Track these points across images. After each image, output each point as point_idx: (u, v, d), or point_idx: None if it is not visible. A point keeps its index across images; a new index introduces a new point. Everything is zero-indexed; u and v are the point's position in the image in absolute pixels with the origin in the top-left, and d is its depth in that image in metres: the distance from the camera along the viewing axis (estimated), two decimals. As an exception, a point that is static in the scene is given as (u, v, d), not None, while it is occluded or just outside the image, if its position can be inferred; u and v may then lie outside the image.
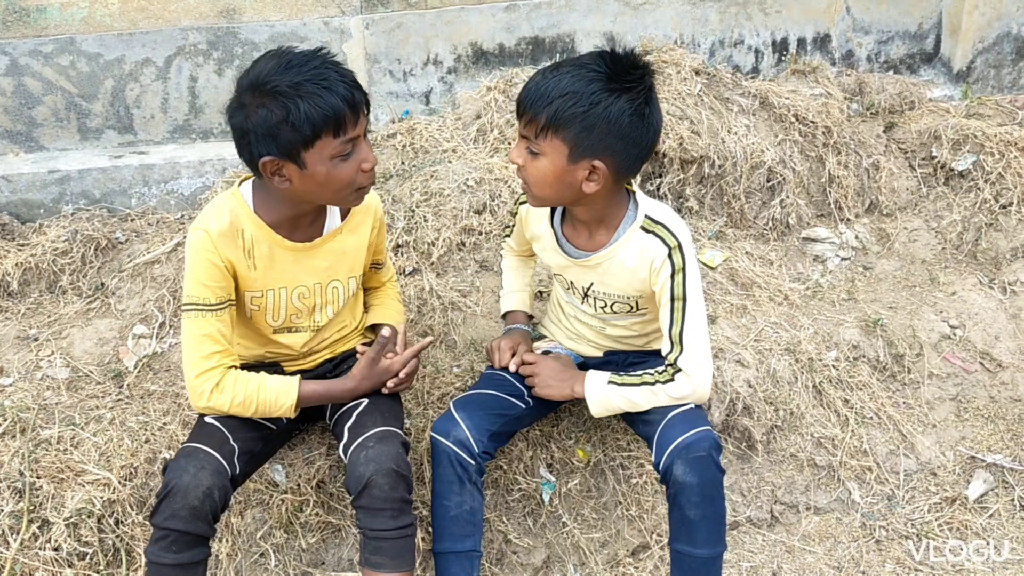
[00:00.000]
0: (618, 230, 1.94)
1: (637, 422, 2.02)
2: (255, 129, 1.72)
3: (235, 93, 1.77)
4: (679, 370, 1.90)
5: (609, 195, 1.90)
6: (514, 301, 2.31)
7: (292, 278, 1.95)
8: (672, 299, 1.89)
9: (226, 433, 1.88)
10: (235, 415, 1.89)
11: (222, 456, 1.82)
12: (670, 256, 1.88)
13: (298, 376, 1.93)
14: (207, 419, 1.91)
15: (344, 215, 2.01)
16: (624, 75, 1.77)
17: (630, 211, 1.95)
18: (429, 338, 2.16)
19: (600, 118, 1.75)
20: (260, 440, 1.97)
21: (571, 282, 2.07)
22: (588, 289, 2.04)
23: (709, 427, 1.89)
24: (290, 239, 1.92)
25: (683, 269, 1.88)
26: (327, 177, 1.77)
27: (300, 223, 1.93)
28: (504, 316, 2.34)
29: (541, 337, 2.29)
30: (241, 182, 1.94)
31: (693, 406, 1.92)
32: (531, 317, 2.35)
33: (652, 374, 1.93)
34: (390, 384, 1.99)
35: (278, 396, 1.88)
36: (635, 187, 1.98)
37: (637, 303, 2.01)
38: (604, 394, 1.97)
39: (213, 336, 1.85)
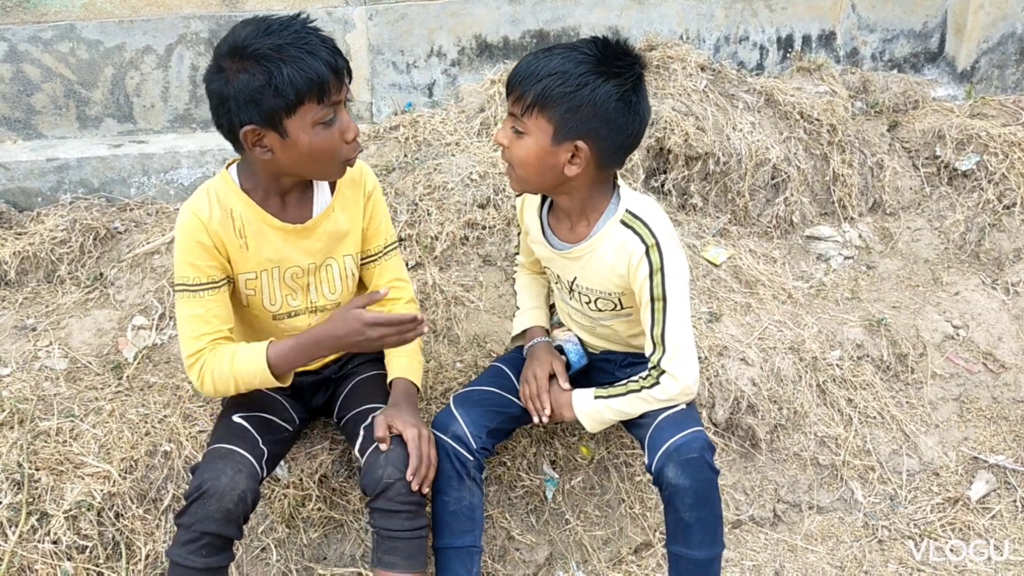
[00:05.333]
0: (598, 223, 1.92)
1: (631, 425, 2.01)
2: (236, 95, 1.66)
3: (212, 59, 1.71)
4: (663, 372, 1.88)
5: (591, 183, 1.88)
6: (529, 319, 2.23)
7: (286, 258, 1.90)
8: (652, 299, 1.86)
9: (256, 435, 1.86)
10: (224, 395, 1.86)
11: (254, 458, 1.80)
12: (648, 254, 1.85)
13: (267, 341, 1.84)
14: (235, 418, 1.89)
15: (332, 189, 1.94)
16: (614, 60, 1.77)
17: (612, 204, 1.93)
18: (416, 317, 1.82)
19: (586, 100, 1.74)
20: (281, 443, 1.96)
21: (558, 275, 2.06)
22: (572, 283, 2.02)
23: (700, 428, 1.87)
24: (281, 219, 1.87)
25: (661, 269, 1.85)
26: (310, 146, 1.72)
27: (288, 200, 1.88)
28: (522, 335, 2.23)
29: (560, 324, 2.24)
30: (228, 166, 1.90)
31: (683, 407, 1.91)
32: (548, 332, 2.23)
33: (637, 380, 1.92)
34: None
35: (250, 361, 1.80)
36: (620, 181, 1.96)
37: (620, 300, 1.99)
38: (593, 409, 1.96)
39: (202, 317, 1.81)
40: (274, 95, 1.65)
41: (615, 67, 1.76)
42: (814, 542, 2.40)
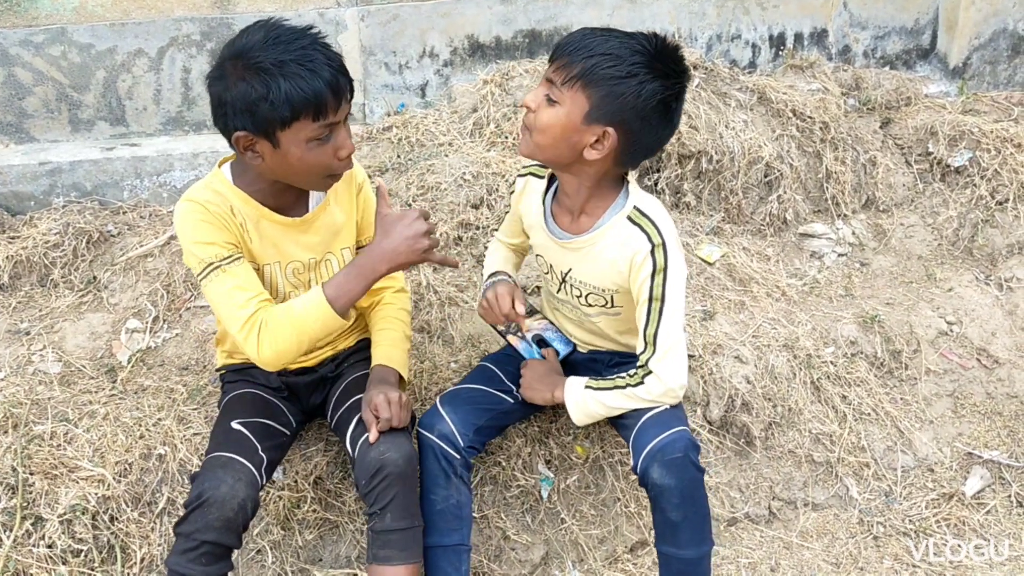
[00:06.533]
0: (603, 216, 1.91)
1: (618, 425, 2.00)
2: (233, 102, 1.67)
3: (218, 59, 1.71)
4: (649, 372, 1.87)
5: (602, 174, 1.87)
6: (498, 263, 2.20)
7: (286, 253, 1.91)
8: (650, 299, 1.86)
9: (255, 443, 1.86)
10: (286, 358, 1.79)
11: (254, 466, 1.80)
12: (652, 253, 1.84)
13: (317, 286, 1.80)
14: (233, 425, 1.88)
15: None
16: (669, 62, 1.75)
17: (619, 199, 1.92)
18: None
19: (632, 90, 1.72)
20: (279, 448, 1.96)
21: (551, 265, 2.04)
22: (566, 275, 2.01)
23: (685, 427, 1.87)
24: (279, 213, 1.87)
25: (664, 269, 1.84)
26: (300, 160, 1.72)
27: (284, 198, 1.88)
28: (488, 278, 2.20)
29: (534, 312, 2.24)
30: (221, 163, 1.89)
31: (668, 407, 1.90)
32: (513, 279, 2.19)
33: (624, 377, 1.91)
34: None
35: (307, 307, 1.76)
36: (630, 177, 1.96)
37: (612, 299, 1.98)
38: (582, 399, 1.95)
39: (241, 285, 1.77)
40: (269, 108, 1.65)
41: (668, 68, 1.74)
42: (809, 539, 2.40)
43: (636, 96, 1.72)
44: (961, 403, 2.67)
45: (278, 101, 1.64)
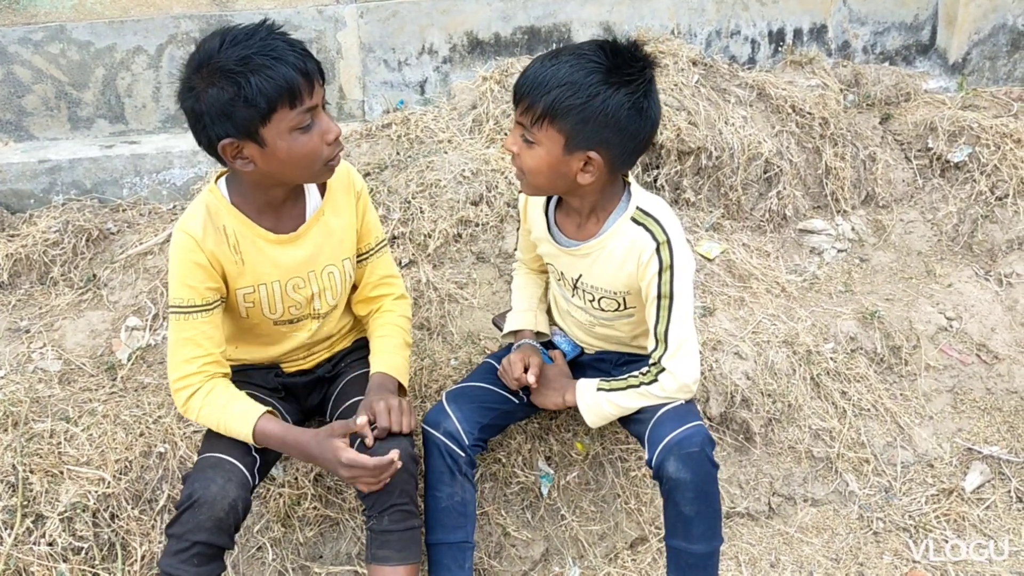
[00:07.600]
0: (608, 221, 1.92)
1: (629, 421, 2.00)
2: (208, 110, 1.66)
3: (183, 77, 1.71)
4: (663, 369, 1.88)
5: (604, 186, 1.88)
6: (520, 321, 2.20)
7: (284, 270, 1.90)
8: (659, 296, 1.86)
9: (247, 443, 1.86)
10: (201, 424, 1.88)
11: (245, 467, 1.80)
12: (658, 251, 1.85)
13: (266, 409, 1.84)
14: None
15: (322, 192, 1.94)
16: (624, 68, 1.74)
17: (622, 202, 1.93)
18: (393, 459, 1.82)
19: (598, 111, 1.72)
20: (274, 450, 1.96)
21: (561, 272, 2.05)
22: (577, 281, 2.01)
23: (701, 422, 1.88)
24: (275, 230, 1.86)
25: (671, 266, 1.85)
26: (289, 152, 1.70)
27: (282, 211, 1.88)
28: (512, 333, 2.22)
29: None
30: (218, 178, 1.89)
31: (683, 402, 1.91)
32: (540, 335, 2.20)
33: (637, 376, 1.92)
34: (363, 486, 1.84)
35: (239, 423, 1.81)
36: (631, 178, 1.96)
37: (625, 300, 1.98)
38: (595, 401, 1.95)
39: (195, 340, 1.81)
40: (245, 106, 1.64)
41: (625, 75, 1.74)
42: (809, 534, 2.40)
43: (604, 115, 1.73)
44: (961, 399, 2.67)
45: (252, 96, 1.63)
